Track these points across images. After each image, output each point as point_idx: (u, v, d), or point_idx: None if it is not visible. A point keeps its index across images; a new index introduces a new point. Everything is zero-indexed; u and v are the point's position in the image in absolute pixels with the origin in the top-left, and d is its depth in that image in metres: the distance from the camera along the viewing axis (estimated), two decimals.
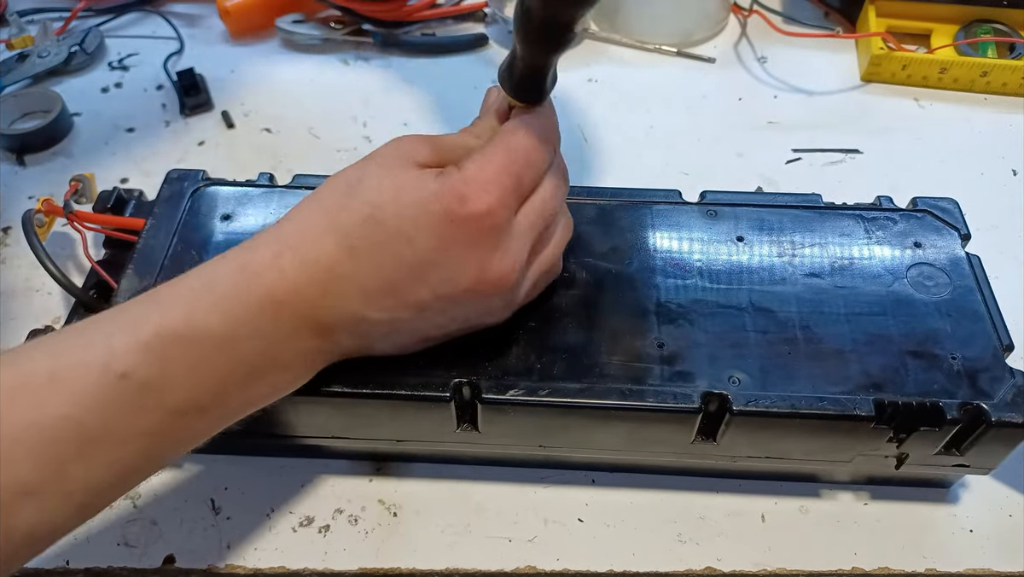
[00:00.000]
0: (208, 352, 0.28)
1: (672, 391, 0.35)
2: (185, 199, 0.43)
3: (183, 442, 0.30)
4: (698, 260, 0.40)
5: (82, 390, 0.26)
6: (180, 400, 0.28)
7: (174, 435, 0.29)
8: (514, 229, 0.33)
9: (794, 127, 0.60)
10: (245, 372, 0.30)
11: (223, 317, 0.29)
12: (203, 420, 0.30)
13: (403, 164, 0.32)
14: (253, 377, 0.30)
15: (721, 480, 0.41)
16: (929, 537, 0.39)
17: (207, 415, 0.29)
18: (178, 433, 0.29)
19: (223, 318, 0.29)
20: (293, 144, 0.59)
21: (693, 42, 0.67)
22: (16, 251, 0.51)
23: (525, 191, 0.33)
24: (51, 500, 0.26)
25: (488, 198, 0.31)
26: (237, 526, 0.40)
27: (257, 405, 0.32)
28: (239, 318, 0.29)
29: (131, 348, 0.27)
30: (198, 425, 0.29)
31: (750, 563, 0.38)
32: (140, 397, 0.27)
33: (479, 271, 0.31)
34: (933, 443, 0.36)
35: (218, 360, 0.29)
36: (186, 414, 0.28)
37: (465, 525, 0.40)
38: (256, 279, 0.30)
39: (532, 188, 0.34)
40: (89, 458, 0.26)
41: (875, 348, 0.36)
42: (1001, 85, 0.61)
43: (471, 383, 0.35)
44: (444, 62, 0.66)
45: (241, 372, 0.30)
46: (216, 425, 0.30)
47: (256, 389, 0.31)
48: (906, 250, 0.40)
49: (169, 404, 0.28)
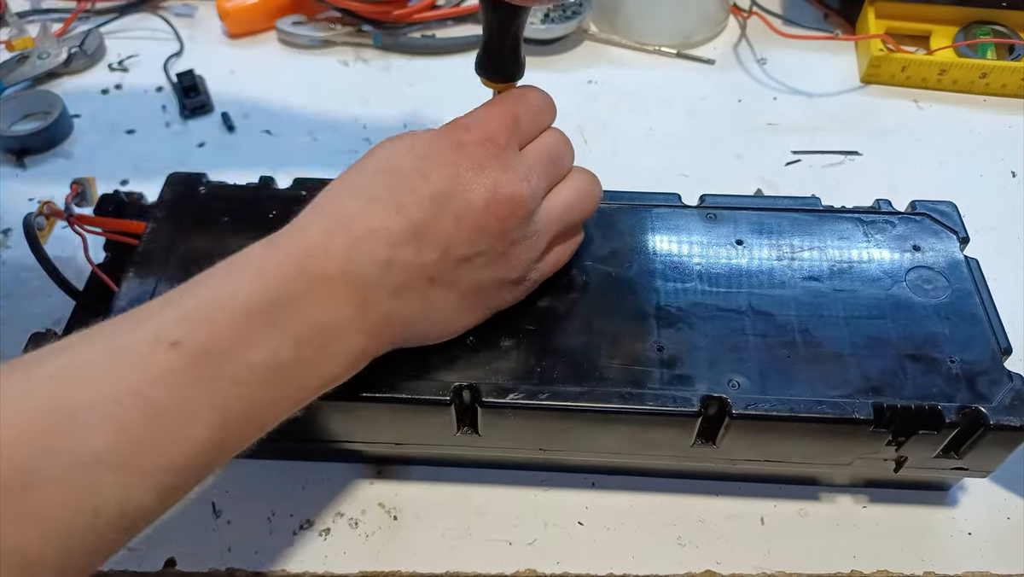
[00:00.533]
0: (252, 322, 0.29)
1: (672, 395, 0.35)
2: (186, 202, 0.43)
3: (247, 423, 0.29)
4: (697, 264, 0.40)
5: (140, 363, 0.27)
6: (235, 371, 0.28)
7: (237, 412, 0.29)
8: (522, 157, 0.35)
9: (793, 129, 0.60)
10: (293, 344, 0.30)
11: (259, 285, 0.30)
12: (263, 396, 0.29)
13: (410, 132, 0.35)
14: (302, 349, 0.30)
15: (720, 483, 0.41)
16: (928, 540, 0.39)
17: (265, 391, 0.29)
18: (241, 411, 0.29)
19: (259, 286, 0.30)
20: (293, 145, 0.59)
21: (693, 44, 0.67)
22: (16, 253, 0.51)
23: (525, 130, 0.36)
24: (130, 476, 0.26)
25: (490, 125, 0.34)
26: (238, 529, 0.40)
27: (314, 389, 0.32)
28: (275, 285, 0.30)
29: (178, 319, 0.28)
30: (259, 401, 0.29)
31: (749, 566, 0.39)
32: (196, 366, 0.27)
33: (492, 189, 0.33)
34: (932, 446, 0.36)
35: (263, 330, 0.29)
36: (245, 386, 0.29)
37: (465, 528, 0.40)
38: (286, 252, 0.31)
39: (533, 132, 0.36)
40: (160, 433, 0.27)
41: (874, 352, 0.37)
42: (1000, 87, 0.61)
43: (471, 387, 0.35)
44: (444, 63, 0.66)
45: (289, 344, 0.30)
46: (276, 408, 0.30)
47: (309, 367, 0.31)
48: (905, 253, 0.40)
49: (227, 373, 0.28)
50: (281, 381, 0.30)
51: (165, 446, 0.27)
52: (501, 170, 0.33)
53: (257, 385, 0.29)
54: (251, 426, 0.30)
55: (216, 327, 0.28)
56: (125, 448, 0.26)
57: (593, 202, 0.38)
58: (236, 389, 0.28)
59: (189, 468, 0.28)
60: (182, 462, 0.27)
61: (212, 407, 0.28)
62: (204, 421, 0.28)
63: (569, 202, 0.37)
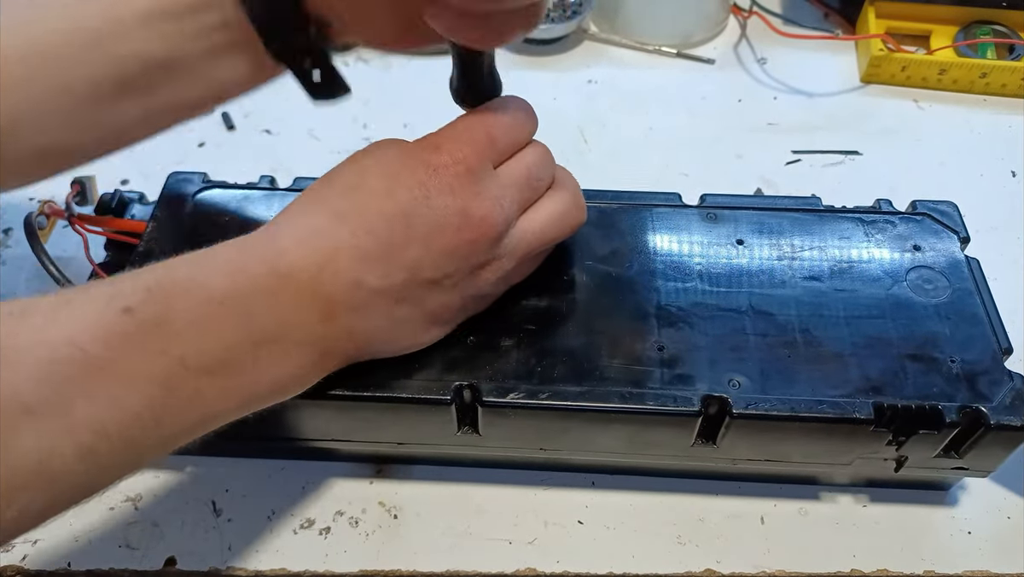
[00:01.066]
0: (212, 310, 0.29)
1: (672, 394, 0.35)
2: (186, 202, 0.43)
3: (190, 409, 0.29)
4: (698, 263, 0.40)
5: (86, 318, 0.26)
6: (184, 352, 0.28)
7: (180, 395, 0.28)
8: (495, 178, 0.34)
9: (793, 128, 0.60)
10: (250, 342, 0.30)
11: (225, 278, 0.30)
12: (210, 386, 0.29)
13: (380, 144, 0.34)
14: (259, 350, 0.30)
15: (721, 482, 0.41)
16: (928, 539, 0.39)
17: (214, 381, 0.29)
18: (185, 394, 0.28)
19: (225, 279, 0.30)
20: (293, 145, 0.59)
21: (693, 43, 0.67)
22: (17, 253, 0.51)
23: (500, 148, 0.34)
24: (53, 426, 0.25)
25: (462, 146, 0.33)
26: (238, 528, 0.40)
27: (263, 394, 0.31)
28: (242, 284, 0.30)
29: (135, 288, 0.28)
30: (205, 390, 0.29)
31: (749, 565, 0.39)
32: (144, 336, 0.27)
33: (462, 213, 0.32)
34: (932, 446, 0.36)
35: (222, 320, 0.29)
36: (192, 371, 0.28)
37: (465, 527, 0.40)
38: (255, 253, 0.31)
39: (510, 148, 0.35)
40: (92, 391, 0.26)
41: (874, 351, 0.37)
42: (1000, 86, 0.61)
43: (472, 386, 0.35)
44: (444, 63, 0.65)
45: (246, 341, 0.29)
46: (222, 402, 0.30)
47: (263, 368, 0.30)
48: (905, 253, 0.40)
49: (174, 353, 0.28)
50: (231, 375, 0.29)
51: (95, 406, 0.26)
52: (472, 194, 0.33)
53: (205, 373, 0.29)
54: (194, 414, 0.29)
55: (173, 305, 0.28)
56: (52, 397, 0.25)
57: (569, 227, 0.37)
58: (182, 371, 0.28)
59: (119, 437, 0.27)
60: (113, 428, 0.26)
61: (153, 380, 0.27)
62: (142, 392, 0.27)
63: (545, 225, 0.36)
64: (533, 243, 0.36)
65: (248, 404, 0.31)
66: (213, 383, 0.29)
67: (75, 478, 0.26)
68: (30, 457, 0.25)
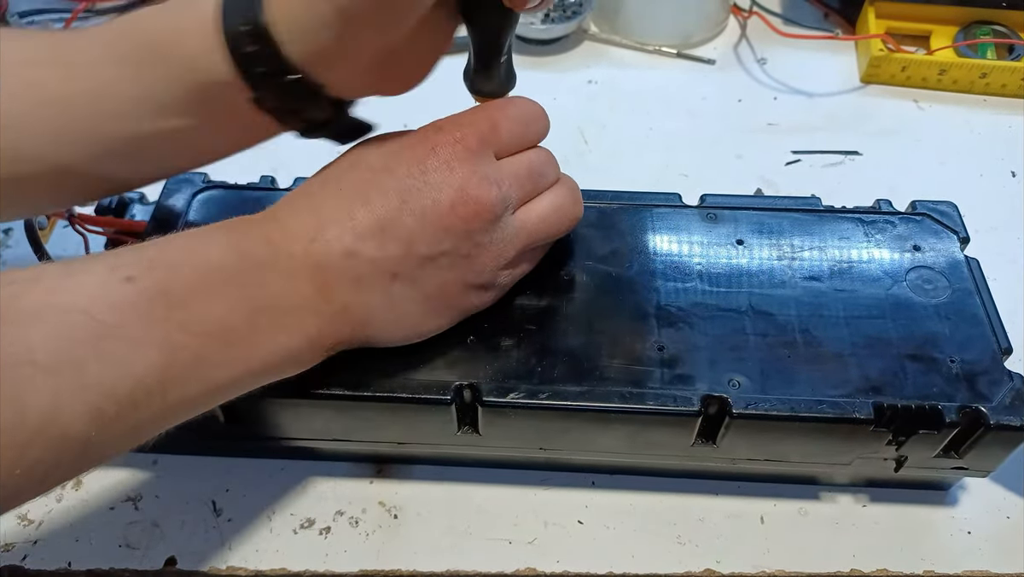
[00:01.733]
0: (211, 278, 0.29)
1: (672, 394, 0.35)
2: (187, 202, 0.43)
3: (192, 376, 0.29)
4: (698, 263, 0.40)
5: (92, 285, 0.27)
6: (185, 319, 0.28)
7: (183, 360, 0.28)
8: (495, 164, 0.34)
9: (793, 129, 0.60)
10: (248, 309, 0.30)
11: (225, 248, 0.30)
12: (211, 352, 0.29)
13: (384, 133, 0.36)
14: (257, 317, 0.30)
15: (721, 482, 0.41)
16: (928, 539, 0.39)
17: (214, 348, 0.29)
18: (186, 360, 0.28)
19: (225, 248, 0.30)
20: (293, 145, 0.58)
21: (693, 44, 0.67)
22: (17, 253, 0.51)
23: (504, 139, 0.35)
24: (65, 385, 0.25)
25: (463, 128, 0.34)
26: (238, 528, 0.40)
27: (262, 367, 0.31)
28: (239, 254, 0.31)
29: (137, 260, 0.29)
30: (206, 357, 0.29)
31: (749, 565, 0.39)
32: (147, 303, 0.27)
33: (459, 189, 0.33)
34: (932, 446, 0.36)
35: (220, 288, 0.29)
36: (192, 335, 0.28)
37: (465, 527, 0.40)
38: (252, 226, 0.32)
39: (514, 143, 0.35)
40: (102, 353, 0.26)
41: (874, 351, 0.37)
42: (1000, 87, 0.61)
43: (472, 386, 0.35)
44: (444, 63, 0.65)
45: (244, 308, 0.30)
46: (222, 371, 0.30)
47: (261, 338, 0.31)
48: (905, 253, 0.40)
49: (175, 319, 0.28)
50: (231, 343, 0.30)
51: (105, 368, 0.26)
52: (470, 172, 0.33)
53: (206, 340, 0.29)
54: (196, 383, 0.29)
55: (174, 273, 0.29)
56: (63, 356, 0.25)
57: (569, 222, 0.37)
58: (184, 337, 0.28)
59: (128, 402, 0.27)
60: (122, 392, 0.26)
61: (157, 346, 0.27)
62: (148, 358, 0.27)
63: (544, 217, 0.36)
64: (533, 233, 0.36)
65: (250, 375, 0.31)
66: (215, 349, 0.29)
67: (82, 440, 0.26)
68: (41, 413, 0.25)
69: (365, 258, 0.32)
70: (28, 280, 0.27)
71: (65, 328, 0.26)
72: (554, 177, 0.37)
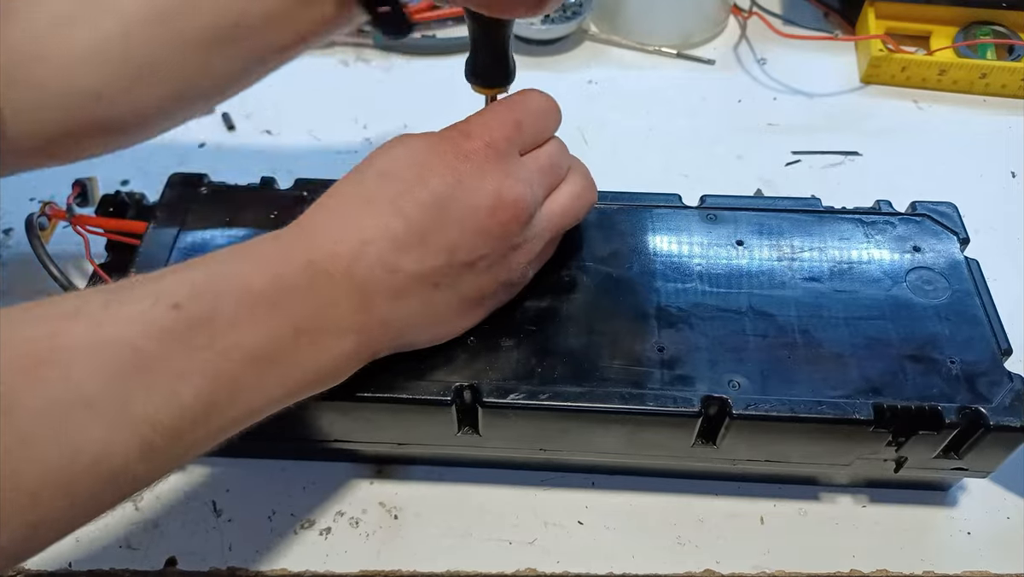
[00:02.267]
0: (254, 303, 0.29)
1: (672, 395, 0.35)
2: (187, 202, 0.43)
3: (236, 400, 0.29)
4: (698, 264, 0.40)
5: (136, 316, 0.27)
6: (228, 345, 0.28)
7: (227, 387, 0.28)
8: (522, 163, 0.35)
9: (793, 129, 0.60)
10: (291, 334, 0.30)
11: (267, 272, 0.30)
12: (254, 377, 0.29)
13: (408, 135, 0.35)
14: (299, 340, 0.30)
15: (721, 483, 0.41)
16: (927, 539, 0.39)
17: (258, 372, 0.29)
18: (231, 386, 0.29)
19: (267, 272, 0.30)
20: (294, 146, 0.59)
21: (693, 44, 0.67)
22: (18, 253, 0.51)
23: (527, 136, 0.36)
24: (115, 422, 0.25)
25: (492, 132, 0.34)
26: (239, 528, 0.40)
27: (303, 385, 0.31)
28: (282, 274, 0.30)
29: (182, 283, 0.28)
30: (250, 382, 0.29)
31: (749, 565, 0.39)
32: (191, 332, 0.27)
33: (495, 195, 0.33)
34: (932, 447, 0.36)
35: (263, 314, 0.29)
36: (236, 362, 0.29)
37: (466, 528, 0.40)
38: (291, 247, 0.32)
39: (535, 138, 0.36)
40: (148, 385, 0.26)
41: (874, 352, 0.37)
42: (1000, 87, 0.61)
43: (472, 387, 0.35)
44: (444, 63, 0.66)
45: (286, 333, 0.30)
46: (266, 392, 0.30)
47: (303, 359, 0.31)
48: (905, 254, 0.40)
49: (219, 346, 0.28)
50: (271, 368, 0.30)
51: (153, 399, 0.26)
52: (504, 175, 0.33)
53: (248, 365, 0.29)
54: (238, 407, 0.29)
55: (220, 301, 0.29)
56: (112, 393, 0.25)
57: (588, 206, 0.39)
58: (225, 364, 0.28)
59: (174, 430, 0.27)
60: (168, 421, 0.27)
61: (202, 374, 0.28)
62: (193, 385, 0.27)
63: (566, 206, 0.37)
64: (558, 224, 0.37)
65: (289, 395, 0.31)
66: (257, 374, 0.29)
67: (131, 476, 0.27)
68: (91, 449, 0.25)
69: (407, 273, 0.32)
70: (65, 316, 0.26)
71: (113, 362, 0.26)
72: (568, 165, 0.38)
